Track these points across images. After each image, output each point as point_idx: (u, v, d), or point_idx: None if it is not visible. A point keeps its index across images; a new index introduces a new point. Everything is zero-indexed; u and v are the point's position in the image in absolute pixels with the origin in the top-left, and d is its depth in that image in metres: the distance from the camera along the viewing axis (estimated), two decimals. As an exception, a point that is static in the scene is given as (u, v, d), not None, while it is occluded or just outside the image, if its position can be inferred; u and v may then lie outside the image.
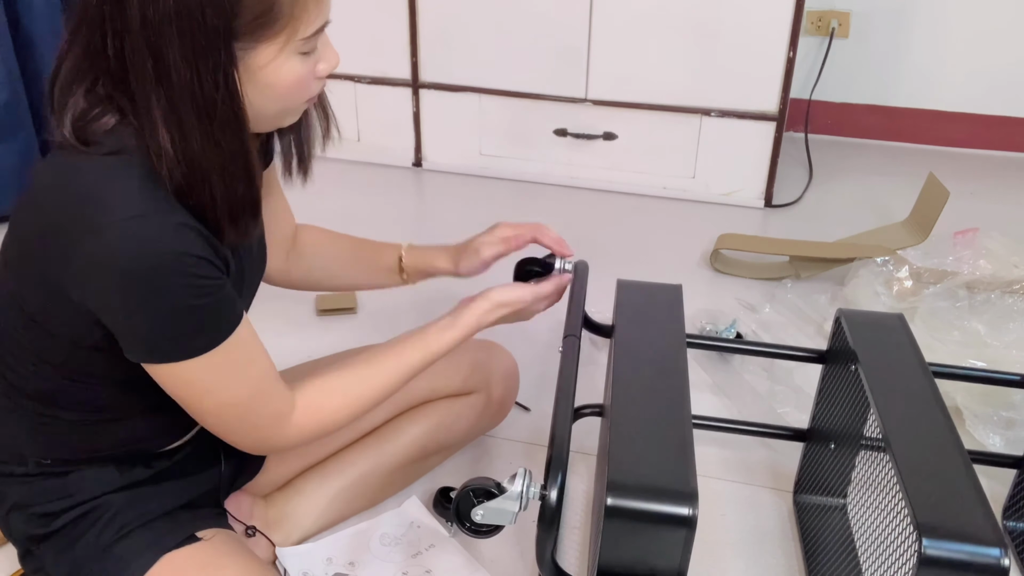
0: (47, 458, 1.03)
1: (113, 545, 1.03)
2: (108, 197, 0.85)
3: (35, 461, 1.03)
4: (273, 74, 0.89)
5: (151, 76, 0.84)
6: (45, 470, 1.03)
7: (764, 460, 1.50)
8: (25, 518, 1.04)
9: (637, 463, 0.91)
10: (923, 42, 2.64)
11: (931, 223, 2.01)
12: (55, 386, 0.98)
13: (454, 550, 1.29)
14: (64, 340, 0.94)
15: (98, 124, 0.88)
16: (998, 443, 1.48)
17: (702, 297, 1.95)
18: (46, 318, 0.93)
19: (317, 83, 0.96)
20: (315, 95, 0.98)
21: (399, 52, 2.44)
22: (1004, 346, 1.63)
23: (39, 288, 0.92)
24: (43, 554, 1.05)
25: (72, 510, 1.04)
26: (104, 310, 0.89)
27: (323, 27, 0.92)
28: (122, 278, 0.85)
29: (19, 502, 1.04)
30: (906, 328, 1.20)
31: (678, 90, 2.31)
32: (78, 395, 0.99)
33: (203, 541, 1.08)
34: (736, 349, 1.53)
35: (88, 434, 1.02)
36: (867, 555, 1.07)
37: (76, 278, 0.87)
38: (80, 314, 0.90)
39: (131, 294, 0.86)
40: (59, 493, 1.03)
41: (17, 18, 2.14)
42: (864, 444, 1.14)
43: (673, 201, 2.42)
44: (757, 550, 1.33)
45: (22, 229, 0.94)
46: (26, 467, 1.04)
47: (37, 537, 1.05)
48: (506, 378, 1.43)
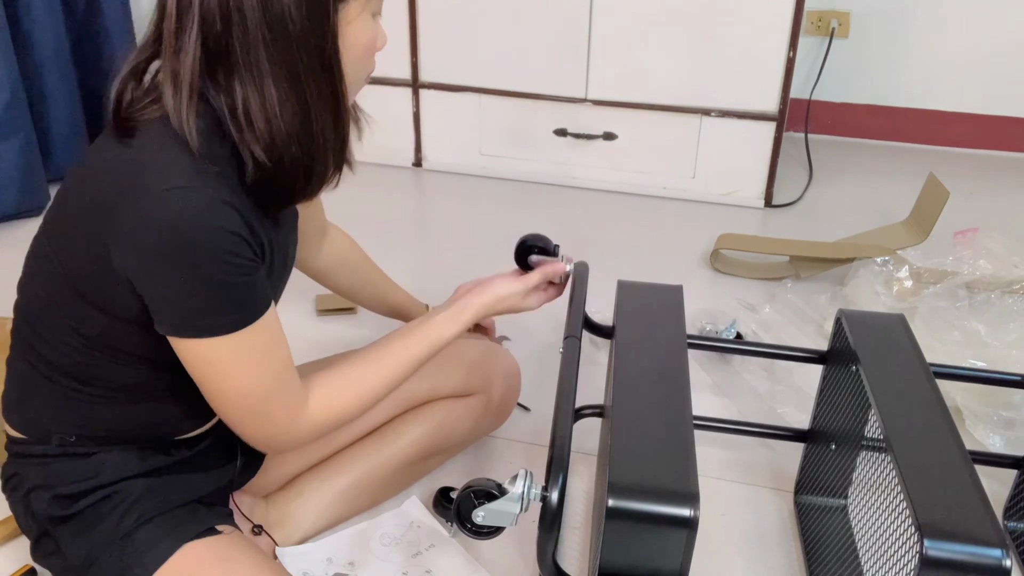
0: (72, 435, 1.04)
1: (133, 532, 1.03)
2: (159, 167, 0.88)
3: (59, 438, 1.04)
4: (359, 31, 0.94)
5: (263, 32, 0.87)
6: (68, 450, 1.04)
7: (764, 460, 1.50)
8: (48, 499, 1.04)
9: (638, 464, 0.91)
10: (923, 42, 2.64)
11: (931, 223, 2.01)
12: (87, 359, 0.99)
13: (454, 550, 1.29)
14: (102, 311, 0.95)
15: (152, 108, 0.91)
16: (998, 443, 1.48)
17: (702, 297, 1.95)
18: (87, 287, 0.95)
19: (373, 60, 0.99)
20: (371, 72, 1.01)
21: (399, 52, 2.44)
22: (1004, 346, 1.63)
23: (84, 256, 0.93)
24: (60, 536, 1.05)
25: (94, 492, 1.04)
26: (139, 278, 0.90)
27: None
28: (158, 246, 0.87)
29: (41, 483, 1.04)
30: (907, 328, 1.20)
31: (678, 90, 2.31)
32: (109, 371, 1.00)
33: (222, 535, 1.08)
34: (736, 349, 1.53)
35: (114, 413, 1.03)
36: (868, 556, 1.07)
37: (119, 242, 0.89)
38: (120, 283, 0.92)
39: (165, 263, 0.88)
40: (82, 474, 1.04)
41: (17, 18, 2.14)
42: (865, 444, 1.14)
43: (673, 201, 2.42)
44: (757, 550, 1.33)
45: (72, 199, 0.96)
46: (47, 446, 1.04)
47: (57, 519, 1.05)
48: (507, 379, 1.43)
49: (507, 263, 1.28)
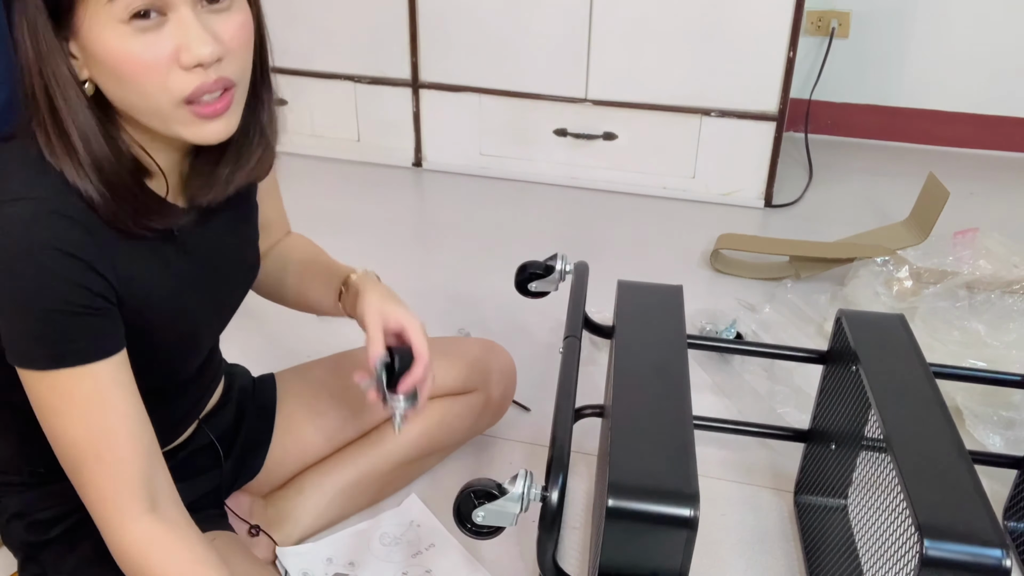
0: (40, 466, 1.02)
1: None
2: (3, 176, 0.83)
3: (29, 470, 1.03)
4: (100, 45, 0.79)
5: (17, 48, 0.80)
6: (40, 479, 1.03)
7: (764, 460, 1.50)
8: (24, 526, 1.04)
9: (638, 464, 0.91)
10: (923, 42, 2.64)
11: (931, 223, 2.01)
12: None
13: (454, 550, 1.29)
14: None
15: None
16: (998, 443, 1.48)
17: (702, 297, 1.95)
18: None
19: (184, 77, 0.81)
20: (188, 92, 0.82)
21: (399, 52, 2.44)
22: (1004, 346, 1.63)
23: None
24: (43, 561, 1.05)
25: (69, 517, 1.03)
26: None
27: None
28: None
29: (18, 511, 1.04)
30: (907, 328, 1.20)
31: (678, 90, 2.31)
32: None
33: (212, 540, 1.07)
34: (736, 349, 1.53)
35: None
36: (868, 556, 1.07)
37: None
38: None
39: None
40: (55, 500, 1.02)
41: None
42: (865, 444, 1.14)
43: (673, 201, 2.42)
44: (757, 550, 1.33)
45: None
46: (22, 476, 1.03)
47: (37, 544, 1.04)
48: (505, 377, 1.43)
49: (508, 262, 1.28)
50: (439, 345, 1.41)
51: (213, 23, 0.82)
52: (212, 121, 0.85)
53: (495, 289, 1.94)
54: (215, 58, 0.81)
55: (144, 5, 0.78)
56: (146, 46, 0.79)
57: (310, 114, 2.60)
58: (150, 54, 0.79)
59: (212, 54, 0.81)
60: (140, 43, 0.79)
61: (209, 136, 0.86)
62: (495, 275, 1.99)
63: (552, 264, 1.30)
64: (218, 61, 0.82)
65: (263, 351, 1.72)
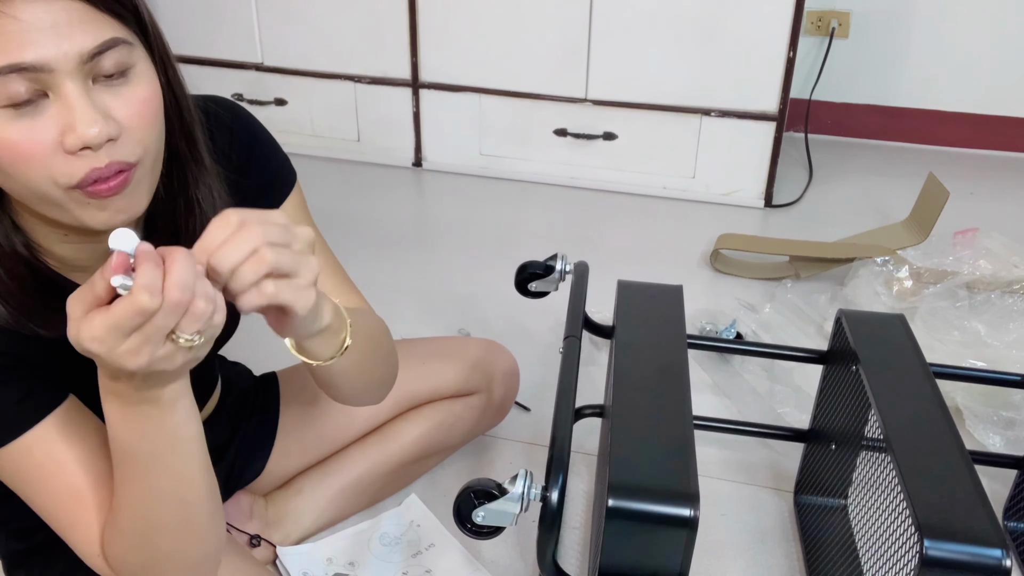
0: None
1: None
2: None
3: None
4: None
5: None
6: None
7: (764, 460, 1.50)
8: (6, 534, 1.03)
9: (638, 464, 0.91)
10: (923, 42, 2.64)
11: (931, 223, 2.01)
12: None
13: (454, 550, 1.29)
14: None
15: None
16: (998, 443, 1.48)
17: (702, 297, 1.95)
18: None
19: (71, 162, 0.70)
20: (76, 180, 0.71)
21: (399, 52, 2.44)
22: (1004, 346, 1.64)
23: None
24: (30, 569, 1.04)
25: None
26: None
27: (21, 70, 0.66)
28: None
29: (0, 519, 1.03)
30: (907, 328, 1.20)
31: (678, 90, 2.31)
32: None
33: None
34: (736, 349, 1.53)
35: None
36: (868, 556, 1.07)
37: None
38: None
39: None
40: None
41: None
42: (865, 444, 1.14)
43: (673, 201, 2.42)
44: (757, 550, 1.33)
45: None
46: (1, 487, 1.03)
47: (22, 552, 1.04)
48: (508, 378, 1.43)
49: (508, 262, 1.28)
50: (440, 346, 1.42)
51: (107, 100, 0.71)
52: (110, 199, 0.73)
53: (495, 289, 1.94)
54: (105, 139, 0.70)
55: (23, 94, 0.67)
56: (25, 131, 0.68)
57: (310, 114, 2.60)
58: (30, 140, 0.68)
59: (100, 135, 0.69)
60: (18, 129, 0.68)
61: (109, 219, 0.74)
62: (495, 275, 1.99)
63: (552, 264, 1.30)
64: (110, 141, 0.71)
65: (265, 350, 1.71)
